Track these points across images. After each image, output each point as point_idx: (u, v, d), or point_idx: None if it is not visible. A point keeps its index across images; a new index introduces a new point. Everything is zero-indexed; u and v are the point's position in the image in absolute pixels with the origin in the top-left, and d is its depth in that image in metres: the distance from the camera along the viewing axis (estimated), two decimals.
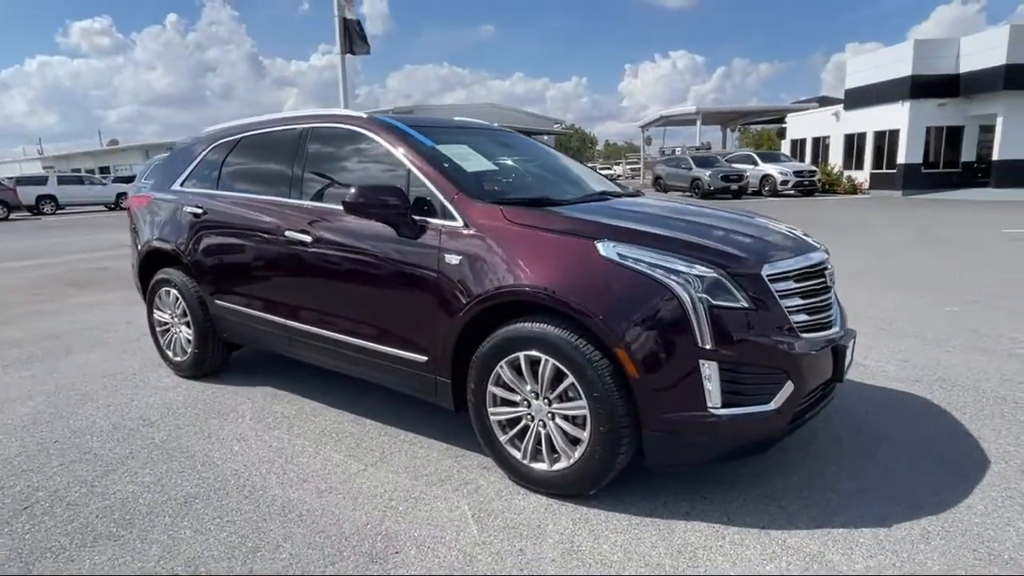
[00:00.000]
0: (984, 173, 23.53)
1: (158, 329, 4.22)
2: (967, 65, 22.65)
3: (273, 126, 3.66)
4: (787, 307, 2.36)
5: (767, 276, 2.34)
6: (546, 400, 2.46)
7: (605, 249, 2.34)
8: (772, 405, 2.26)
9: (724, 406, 2.21)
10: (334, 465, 2.86)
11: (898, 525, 2.27)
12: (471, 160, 3.10)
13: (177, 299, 3.98)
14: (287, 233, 3.24)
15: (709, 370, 2.19)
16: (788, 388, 2.29)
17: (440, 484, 2.67)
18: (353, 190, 2.76)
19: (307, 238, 3.15)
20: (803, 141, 30.96)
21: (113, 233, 15.24)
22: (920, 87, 23.12)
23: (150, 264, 4.20)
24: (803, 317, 2.42)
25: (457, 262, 2.62)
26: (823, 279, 2.61)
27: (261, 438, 3.17)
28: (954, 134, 23.88)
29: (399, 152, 2.99)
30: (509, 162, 3.51)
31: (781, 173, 23.70)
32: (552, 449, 2.49)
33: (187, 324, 3.97)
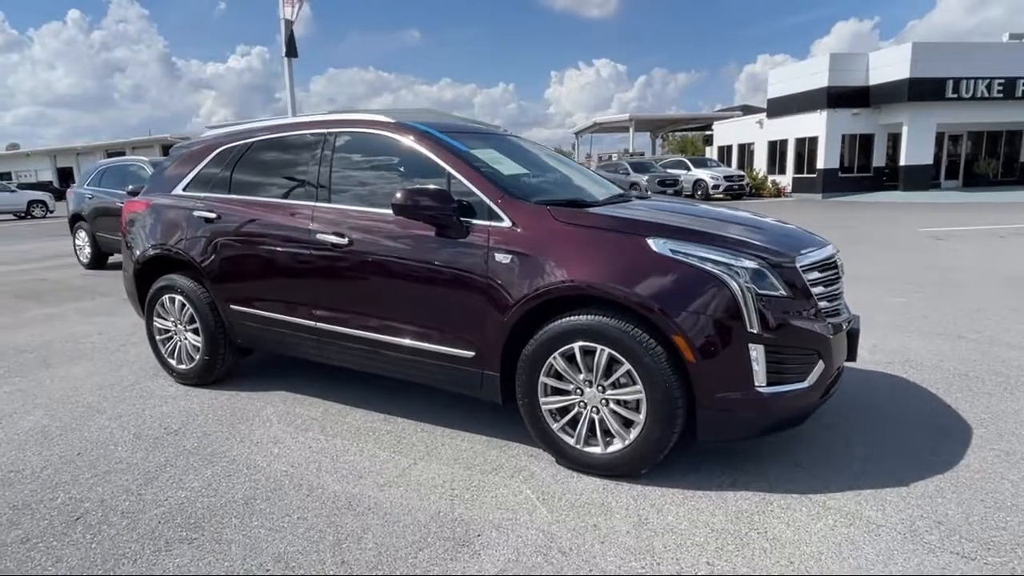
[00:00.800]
0: (892, 177, 25.53)
1: (159, 337, 4.11)
2: (876, 78, 24.56)
3: (289, 130, 3.66)
4: (815, 295, 2.64)
5: (800, 267, 2.61)
6: (600, 387, 2.63)
7: (657, 245, 2.55)
8: (807, 382, 2.53)
9: (769, 384, 2.45)
10: (383, 461, 2.93)
11: (915, 484, 2.58)
12: (503, 164, 3.24)
13: (184, 305, 3.89)
14: (318, 236, 3.27)
15: (756, 353, 2.43)
16: (820, 367, 2.56)
17: (494, 472, 2.79)
18: (401, 192, 2.85)
19: (342, 240, 3.20)
20: (729, 147, 32.61)
21: (38, 243, 14.28)
22: (836, 97, 24.86)
23: (150, 271, 4.09)
24: (824, 304, 2.71)
25: (508, 261, 2.75)
26: (836, 270, 2.92)
27: (297, 440, 3.18)
28: (866, 141, 25.80)
29: (437, 157, 3.09)
30: (528, 166, 3.67)
31: (713, 178, 24.88)
32: (606, 433, 2.67)
33: (195, 331, 3.89)
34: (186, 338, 3.96)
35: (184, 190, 4.00)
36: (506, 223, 2.82)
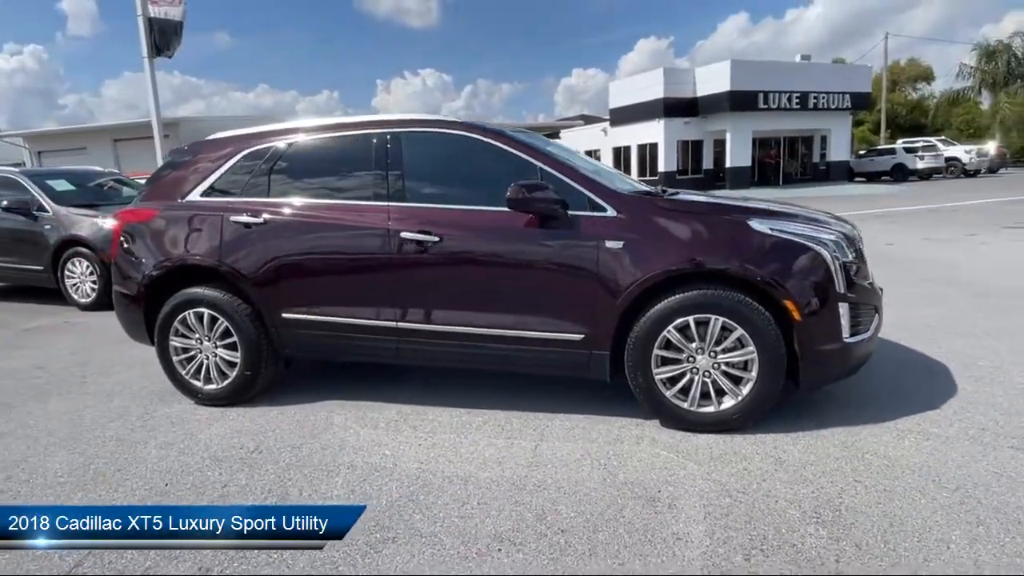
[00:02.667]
0: (720, 178, 29.03)
1: (176, 358, 3.73)
2: (702, 90, 27.82)
3: (340, 131, 3.57)
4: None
5: (858, 238, 3.18)
6: (711, 353, 2.99)
7: (758, 225, 2.97)
8: (870, 332, 3.10)
9: (850, 336, 2.98)
10: (505, 447, 3.02)
11: (938, 410, 3.24)
12: (575, 158, 3.48)
13: (215, 320, 3.60)
14: (403, 235, 3.26)
15: (843, 309, 2.94)
16: (876, 319, 3.15)
17: (618, 443, 3.03)
18: (514, 187, 2.98)
19: (431, 238, 3.22)
20: None
21: None
22: (670, 108, 27.74)
23: (161, 286, 3.71)
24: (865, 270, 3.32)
25: (620, 247, 3.01)
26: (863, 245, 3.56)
27: (399, 440, 3.15)
28: (697, 147, 29.07)
29: (525, 155, 3.25)
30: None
31: None
32: (720, 392, 3.03)
33: (229, 346, 3.61)
34: (216, 355, 3.66)
35: (203, 195, 3.70)
36: (611, 212, 3.07)
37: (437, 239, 3.23)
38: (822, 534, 2.22)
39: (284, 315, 3.52)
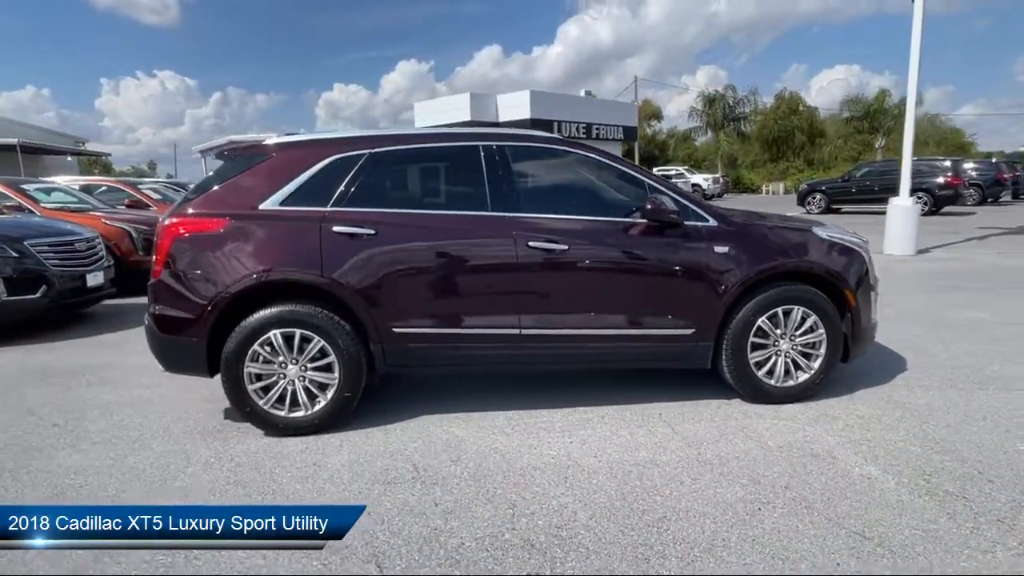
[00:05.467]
0: None
1: (252, 386, 3.29)
2: (505, 116, 29.76)
3: (436, 141, 3.56)
4: None
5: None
6: (791, 338, 3.67)
7: (820, 232, 3.74)
8: (875, 315, 4.07)
9: (873, 316, 3.90)
10: (644, 436, 3.32)
11: (910, 371, 4.36)
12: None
13: (308, 340, 3.28)
14: (530, 244, 3.38)
15: (874, 295, 3.84)
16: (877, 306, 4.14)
17: (732, 419, 3.53)
18: (651, 201, 3.38)
19: (559, 246, 3.40)
20: None
21: None
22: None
23: (237, 307, 3.26)
24: None
25: (725, 251, 3.54)
26: None
27: (553, 442, 3.26)
28: None
29: (634, 172, 3.63)
30: None
31: None
32: (797, 368, 3.71)
33: (323, 368, 3.32)
34: (304, 378, 3.33)
35: (283, 204, 3.35)
36: (713, 223, 3.59)
37: (565, 247, 3.42)
38: (944, 458, 2.98)
39: (395, 329, 3.37)
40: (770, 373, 3.69)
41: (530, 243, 3.40)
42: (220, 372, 3.30)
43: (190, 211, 3.37)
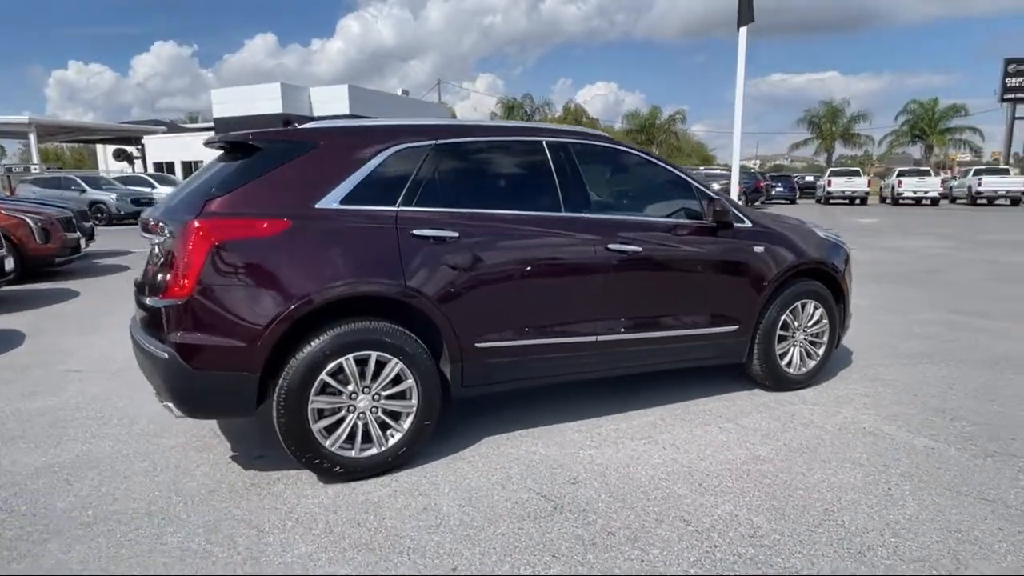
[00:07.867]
0: None
1: (317, 425, 2.68)
2: (319, 110, 28.11)
3: (491, 134, 3.26)
4: None
5: None
6: (804, 329, 4.02)
7: (821, 232, 4.14)
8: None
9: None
10: (727, 435, 3.40)
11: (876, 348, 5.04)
12: None
13: (386, 364, 2.77)
14: (610, 247, 3.24)
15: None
16: None
17: (772, 408, 3.75)
18: (719, 203, 3.46)
19: (637, 249, 3.31)
20: (171, 163, 30.43)
21: None
22: (289, 123, 26.94)
23: (297, 329, 2.61)
24: None
25: (762, 251, 3.76)
26: None
27: (639, 455, 3.17)
28: None
29: (679, 172, 3.66)
30: None
31: None
32: (808, 356, 4.07)
33: (397, 395, 2.83)
34: (377, 409, 2.81)
35: (343, 203, 2.77)
36: (748, 224, 3.79)
37: (639, 249, 3.34)
38: (962, 424, 3.50)
39: (479, 344, 2.99)
40: (789, 364, 4.00)
41: (609, 246, 3.26)
42: (276, 412, 2.63)
43: (222, 211, 2.62)
